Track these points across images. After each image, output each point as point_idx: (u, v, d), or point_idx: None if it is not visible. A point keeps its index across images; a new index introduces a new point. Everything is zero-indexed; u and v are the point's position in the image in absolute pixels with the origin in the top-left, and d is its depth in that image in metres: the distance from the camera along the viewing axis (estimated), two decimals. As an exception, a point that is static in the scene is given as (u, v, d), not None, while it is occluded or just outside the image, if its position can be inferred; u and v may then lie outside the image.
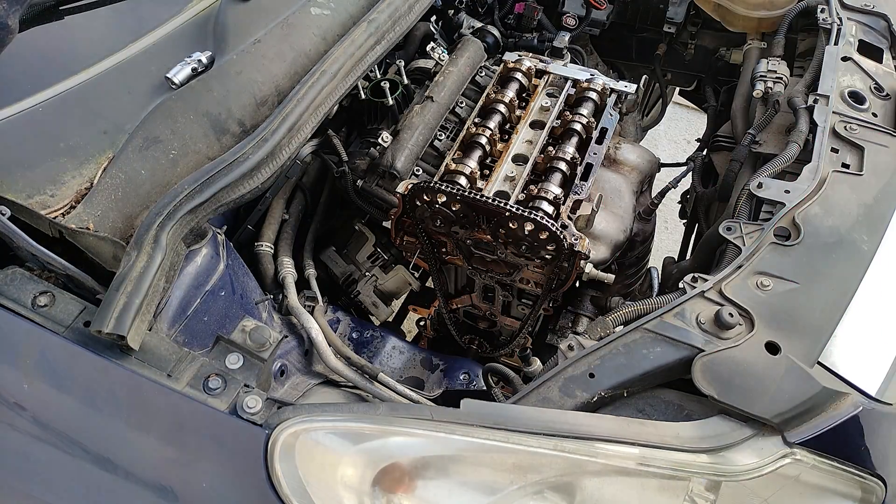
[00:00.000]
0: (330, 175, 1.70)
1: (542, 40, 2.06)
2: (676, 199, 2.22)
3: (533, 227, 1.28)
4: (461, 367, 1.54)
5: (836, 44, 1.72)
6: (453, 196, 1.31)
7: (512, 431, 0.98)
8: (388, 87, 1.65)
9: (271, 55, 1.47)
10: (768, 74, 1.77)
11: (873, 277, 1.22)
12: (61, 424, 1.06)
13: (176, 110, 1.30)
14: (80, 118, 1.24)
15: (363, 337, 1.58)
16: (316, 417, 1.00)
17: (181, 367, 1.03)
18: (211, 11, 1.53)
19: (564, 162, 1.44)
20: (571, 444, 0.97)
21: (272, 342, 1.09)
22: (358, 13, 1.64)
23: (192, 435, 1.01)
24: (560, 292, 1.42)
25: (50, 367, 1.03)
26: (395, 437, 1.00)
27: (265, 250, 1.53)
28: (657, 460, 0.97)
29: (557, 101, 1.60)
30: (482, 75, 1.78)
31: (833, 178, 1.37)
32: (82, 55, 1.34)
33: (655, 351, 1.11)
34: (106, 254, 1.08)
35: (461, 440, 0.98)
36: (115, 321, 0.97)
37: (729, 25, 2.11)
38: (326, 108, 1.42)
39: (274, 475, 0.97)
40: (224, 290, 1.19)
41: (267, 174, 1.27)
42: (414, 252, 1.52)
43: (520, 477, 0.98)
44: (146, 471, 1.04)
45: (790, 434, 1.01)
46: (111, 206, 1.17)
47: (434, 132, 1.62)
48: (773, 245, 1.25)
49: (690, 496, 0.97)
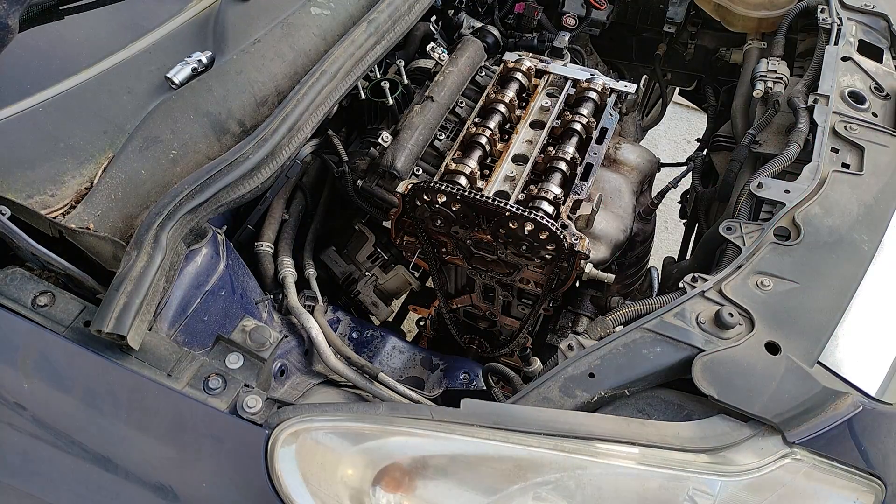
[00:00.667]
0: (330, 175, 1.70)
1: (542, 40, 2.06)
2: (676, 199, 2.22)
3: (533, 226, 1.28)
4: (461, 367, 1.54)
5: (836, 44, 1.72)
6: (453, 196, 1.31)
7: (512, 431, 0.98)
8: (388, 87, 1.65)
9: (271, 55, 1.47)
10: (768, 74, 1.77)
11: (873, 277, 1.22)
12: (61, 424, 1.06)
13: (176, 110, 1.30)
14: (80, 118, 1.24)
15: (363, 337, 1.58)
16: (316, 417, 1.00)
17: (181, 367, 1.03)
18: (211, 11, 1.53)
19: (564, 162, 1.44)
20: (571, 444, 0.97)
21: (272, 342, 1.09)
22: (358, 13, 1.65)
23: (192, 435, 1.01)
24: (560, 292, 1.42)
25: (50, 366, 1.03)
26: (395, 437, 1.00)
27: (265, 250, 1.53)
28: (657, 460, 0.97)
29: (557, 101, 1.60)
30: (482, 75, 1.77)
31: (833, 177, 1.37)
32: (82, 55, 1.34)
33: (655, 351, 1.11)
34: (106, 254, 1.08)
35: (461, 440, 0.98)
36: (115, 321, 0.97)
37: (729, 25, 2.11)
38: (326, 108, 1.42)
39: (274, 475, 0.97)
40: (224, 290, 1.20)
41: (267, 174, 1.27)
42: (414, 252, 1.52)
43: (520, 477, 0.98)
44: (146, 470, 1.04)
45: (790, 434, 1.01)
46: (111, 206, 1.17)
47: (434, 132, 1.62)
48: (773, 245, 1.25)
49: (690, 496, 0.97)
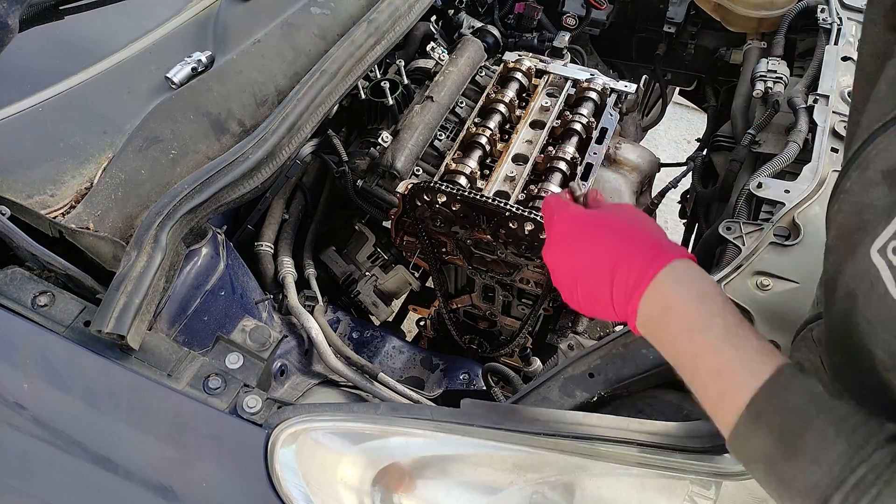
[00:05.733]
0: (330, 175, 1.70)
1: (542, 40, 2.06)
2: (676, 199, 2.21)
3: (533, 226, 1.28)
4: (461, 367, 1.54)
5: (836, 44, 1.72)
6: (453, 196, 1.31)
7: (512, 431, 0.98)
8: (388, 87, 1.65)
9: (271, 55, 1.47)
10: (768, 74, 1.77)
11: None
12: (61, 424, 1.06)
13: (176, 110, 1.30)
14: (80, 118, 1.24)
15: (363, 337, 1.58)
16: (316, 417, 1.00)
17: (181, 367, 1.03)
18: (211, 11, 1.53)
19: (564, 162, 1.44)
20: (571, 444, 0.97)
21: (272, 342, 1.09)
22: (358, 13, 1.64)
23: (192, 434, 1.01)
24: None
25: (50, 366, 1.03)
26: (395, 437, 1.00)
27: (265, 250, 1.53)
28: (657, 460, 0.97)
29: (557, 100, 1.60)
30: (482, 75, 1.77)
31: (833, 177, 1.37)
32: (82, 55, 1.34)
33: (655, 350, 1.10)
34: (106, 254, 1.08)
35: (461, 440, 0.98)
36: (115, 321, 0.97)
37: (729, 25, 2.11)
38: (326, 108, 1.42)
39: (274, 475, 0.97)
40: (224, 290, 1.20)
41: (267, 174, 1.27)
42: (414, 252, 1.52)
43: (520, 477, 0.98)
44: (146, 470, 1.05)
45: (790, 434, 1.01)
46: (111, 206, 1.17)
47: (434, 132, 1.62)
48: (773, 245, 1.25)
49: (690, 496, 0.97)
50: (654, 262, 0.76)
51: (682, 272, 0.76)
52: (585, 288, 0.83)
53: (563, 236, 0.88)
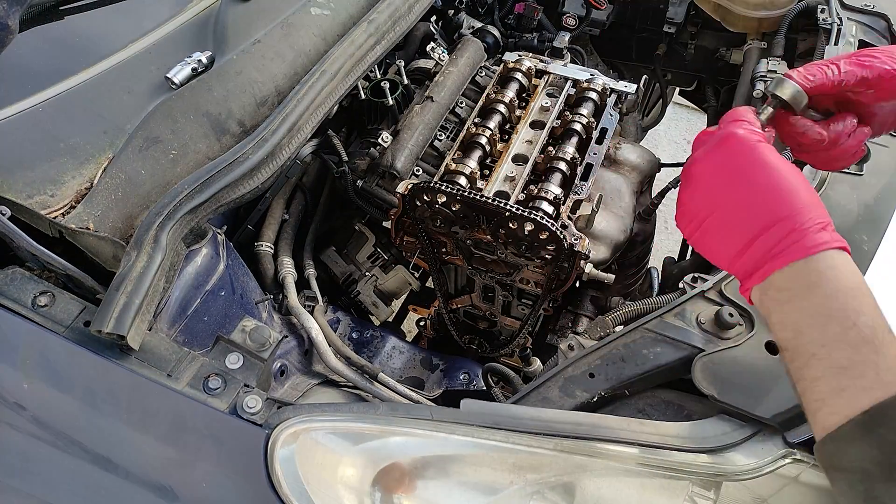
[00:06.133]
0: (330, 175, 1.70)
1: (542, 40, 2.06)
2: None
3: (533, 227, 1.28)
4: (461, 367, 1.54)
5: (836, 44, 1.72)
6: (453, 196, 1.31)
7: (512, 431, 0.98)
8: (388, 87, 1.65)
9: (271, 55, 1.47)
10: (768, 75, 1.77)
11: (873, 277, 1.22)
12: (61, 424, 1.06)
13: (176, 110, 1.30)
14: (80, 118, 1.24)
15: (363, 337, 1.58)
16: (316, 417, 1.00)
17: (181, 367, 1.03)
18: (211, 11, 1.53)
19: (564, 162, 1.44)
20: (571, 444, 0.97)
21: (272, 342, 1.09)
22: (358, 13, 1.65)
23: (192, 435, 1.01)
24: (560, 292, 1.42)
25: (50, 367, 1.03)
26: (395, 437, 1.00)
27: (265, 250, 1.53)
28: (657, 460, 0.97)
29: (557, 101, 1.60)
30: (482, 75, 1.77)
31: (833, 178, 1.37)
32: (82, 55, 1.34)
33: (655, 351, 1.11)
34: (106, 254, 1.08)
35: (461, 440, 0.98)
36: (115, 321, 0.97)
37: (729, 25, 2.11)
38: (326, 108, 1.42)
39: (274, 475, 0.97)
40: (224, 290, 1.20)
41: (267, 174, 1.27)
42: (414, 252, 1.52)
43: (520, 477, 0.98)
44: (146, 471, 1.05)
45: (790, 434, 1.01)
46: (111, 206, 1.17)
47: (434, 132, 1.62)
48: (773, 245, 1.25)
49: (690, 496, 0.97)
50: (820, 242, 0.72)
51: (840, 260, 0.73)
52: (719, 221, 0.78)
53: (736, 157, 0.80)
